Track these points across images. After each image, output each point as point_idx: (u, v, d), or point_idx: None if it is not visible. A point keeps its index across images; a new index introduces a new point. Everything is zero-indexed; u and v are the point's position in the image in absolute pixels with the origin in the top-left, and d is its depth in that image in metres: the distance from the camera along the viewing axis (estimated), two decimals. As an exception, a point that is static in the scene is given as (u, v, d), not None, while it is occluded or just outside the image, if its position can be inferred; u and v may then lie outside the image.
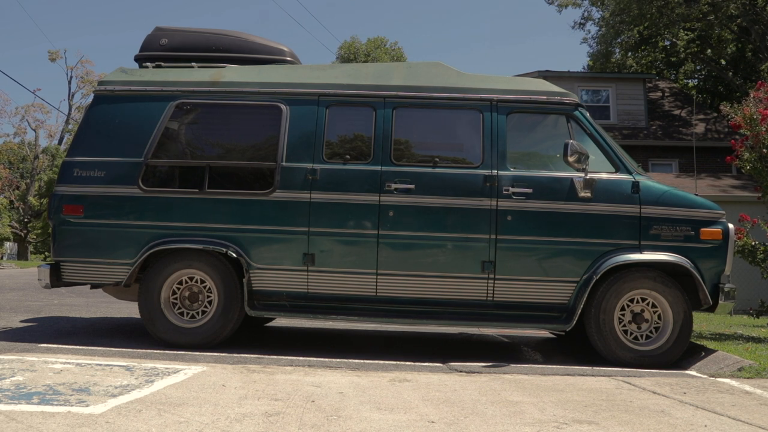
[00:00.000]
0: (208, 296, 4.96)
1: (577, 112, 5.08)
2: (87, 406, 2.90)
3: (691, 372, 4.62)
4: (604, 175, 4.91)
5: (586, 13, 28.12)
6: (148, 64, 5.49)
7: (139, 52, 5.57)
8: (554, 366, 4.64)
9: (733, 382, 4.11)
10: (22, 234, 33.95)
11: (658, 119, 19.00)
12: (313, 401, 3.19)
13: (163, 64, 5.46)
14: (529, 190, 4.84)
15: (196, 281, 4.97)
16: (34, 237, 35.68)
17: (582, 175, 4.82)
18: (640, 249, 4.82)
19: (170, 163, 5.23)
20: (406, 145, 5.15)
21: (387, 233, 4.93)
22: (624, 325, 4.82)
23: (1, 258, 30.06)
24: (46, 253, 35.37)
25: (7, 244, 33.43)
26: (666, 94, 20.83)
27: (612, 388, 3.83)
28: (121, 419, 2.70)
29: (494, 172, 4.89)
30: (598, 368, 4.60)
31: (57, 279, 5.04)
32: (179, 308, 4.97)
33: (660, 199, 4.90)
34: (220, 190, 5.00)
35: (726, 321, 8.40)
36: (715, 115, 19.11)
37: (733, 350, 5.00)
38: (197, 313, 4.96)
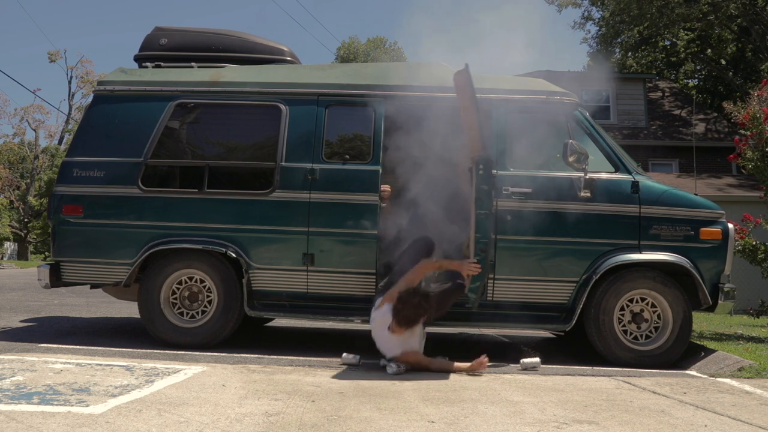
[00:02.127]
0: (208, 296, 4.95)
1: (577, 112, 5.08)
2: (87, 406, 2.90)
3: (691, 372, 4.62)
4: (603, 175, 4.91)
5: (586, 13, 28.07)
6: (148, 64, 5.49)
7: (139, 52, 5.57)
8: (554, 366, 4.63)
9: (733, 382, 4.10)
10: (22, 234, 33.95)
11: (658, 119, 19.00)
12: (313, 401, 3.19)
13: (162, 64, 5.45)
14: (529, 190, 4.83)
15: (196, 281, 4.97)
16: (34, 237, 35.68)
17: (582, 174, 4.81)
18: (639, 249, 4.82)
19: (170, 163, 5.23)
20: None
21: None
22: (624, 325, 4.82)
23: (1, 258, 30.06)
24: (46, 253, 35.35)
25: (7, 244, 33.41)
26: (666, 94, 20.83)
27: (612, 388, 3.83)
28: (121, 419, 2.70)
29: (494, 171, 4.87)
30: (598, 368, 4.59)
31: (57, 279, 5.04)
32: (179, 308, 4.96)
33: (660, 198, 4.89)
34: (220, 190, 4.99)
35: (726, 321, 8.40)
36: (715, 115, 19.11)
37: (733, 350, 5.00)
38: (197, 313, 4.96)
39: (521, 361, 4.14)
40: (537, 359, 4.17)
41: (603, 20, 25.60)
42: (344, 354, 4.32)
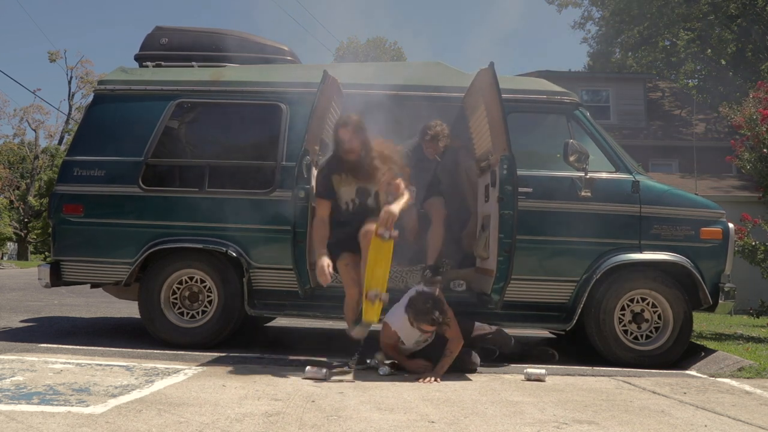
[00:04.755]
0: (208, 296, 4.95)
1: (577, 112, 5.08)
2: (87, 406, 2.90)
3: (691, 372, 4.62)
4: (604, 175, 4.91)
5: (586, 13, 28.12)
6: (148, 63, 5.49)
7: (140, 52, 5.58)
8: (554, 366, 4.63)
9: (733, 382, 4.10)
10: (22, 234, 33.94)
11: (658, 119, 19.00)
12: (313, 401, 3.19)
13: (163, 63, 5.46)
14: (529, 190, 4.83)
15: (196, 281, 4.96)
16: (34, 237, 35.66)
17: (582, 174, 4.80)
18: (640, 248, 4.81)
19: (170, 163, 5.23)
20: None
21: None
22: (624, 325, 4.82)
23: (2, 258, 30.06)
24: (46, 253, 35.33)
25: (8, 244, 33.41)
26: (666, 94, 20.83)
27: (612, 388, 3.82)
28: (121, 419, 2.70)
29: (494, 171, 4.87)
30: (598, 368, 4.59)
31: (57, 278, 5.03)
32: (179, 308, 4.96)
33: (660, 198, 4.89)
34: (221, 189, 4.99)
35: (726, 321, 8.40)
36: (715, 115, 19.11)
37: (733, 350, 5.00)
38: (197, 313, 4.96)
39: (525, 371, 4.11)
40: (543, 370, 4.11)
41: (603, 20, 25.62)
42: (308, 367, 3.85)
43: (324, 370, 3.80)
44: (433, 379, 3.82)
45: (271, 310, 4.97)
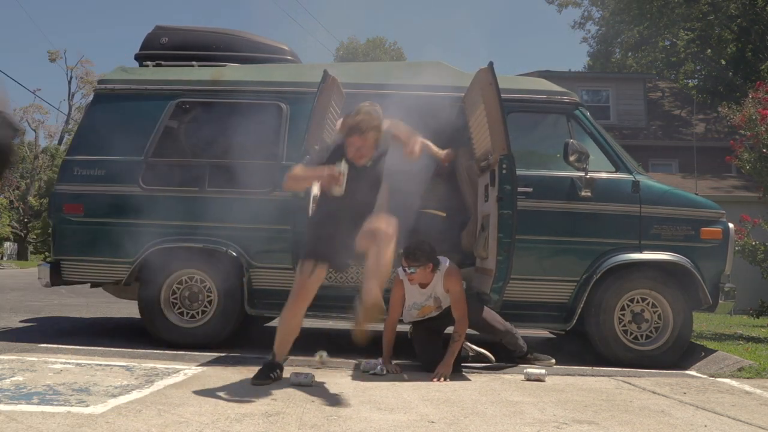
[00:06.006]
0: (208, 296, 4.95)
1: (577, 112, 5.07)
2: (87, 406, 2.89)
3: (691, 372, 4.62)
4: (604, 175, 4.91)
5: (586, 13, 28.13)
6: (149, 62, 5.49)
7: (140, 51, 5.57)
8: (554, 366, 4.63)
9: (733, 382, 4.10)
10: (22, 234, 33.93)
11: (658, 119, 19.00)
12: (313, 401, 3.19)
13: (163, 62, 5.45)
14: (529, 190, 4.83)
15: (196, 281, 4.96)
16: (34, 237, 35.65)
17: (582, 174, 4.80)
18: (640, 248, 4.81)
19: (170, 162, 5.22)
20: None
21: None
22: (624, 325, 4.82)
23: (1, 258, 30.06)
24: (46, 253, 35.30)
25: (7, 244, 33.40)
26: (666, 94, 20.83)
27: (612, 388, 3.82)
28: (121, 419, 2.70)
29: (494, 170, 4.87)
30: (598, 368, 4.59)
31: (57, 278, 5.04)
32: (179, 308, 4.96)
33: (660, 198, 4.89)
34: (221, 189, 4.99)
35: (726, 321, 8.41)
36: (715, 115, 19.11)
37: (733, 350, 5.00)
38: (197, 313, 4.96)
39: (525, 371, 4.10)
40: (543, 370, 4.10)
41: (603, 20, 25.63)
42: (292, 372, 3.71)
43: (311, 375, 3.67)
44: (443, 378, 3.86)
45: (271, 310, 4.97)
